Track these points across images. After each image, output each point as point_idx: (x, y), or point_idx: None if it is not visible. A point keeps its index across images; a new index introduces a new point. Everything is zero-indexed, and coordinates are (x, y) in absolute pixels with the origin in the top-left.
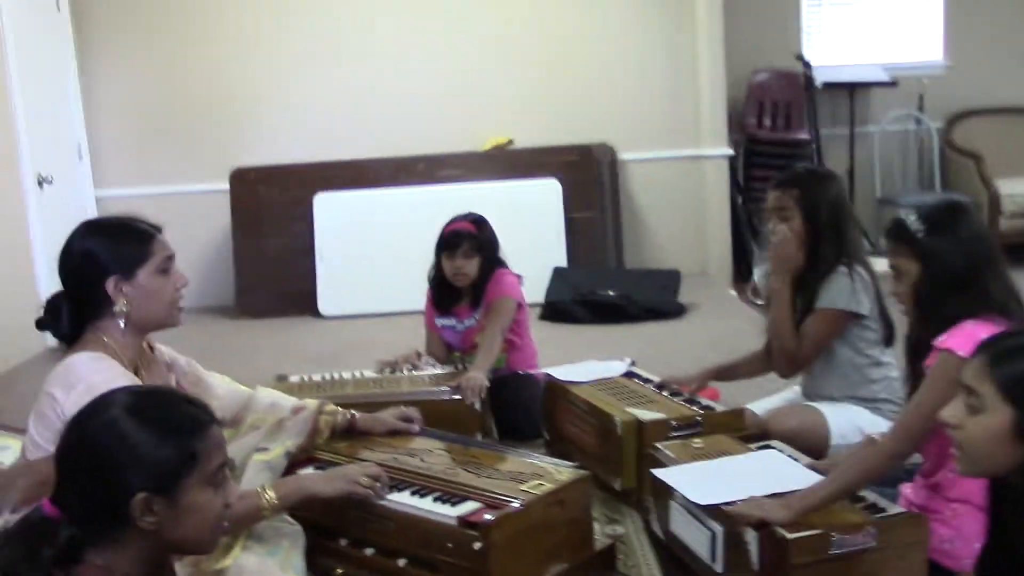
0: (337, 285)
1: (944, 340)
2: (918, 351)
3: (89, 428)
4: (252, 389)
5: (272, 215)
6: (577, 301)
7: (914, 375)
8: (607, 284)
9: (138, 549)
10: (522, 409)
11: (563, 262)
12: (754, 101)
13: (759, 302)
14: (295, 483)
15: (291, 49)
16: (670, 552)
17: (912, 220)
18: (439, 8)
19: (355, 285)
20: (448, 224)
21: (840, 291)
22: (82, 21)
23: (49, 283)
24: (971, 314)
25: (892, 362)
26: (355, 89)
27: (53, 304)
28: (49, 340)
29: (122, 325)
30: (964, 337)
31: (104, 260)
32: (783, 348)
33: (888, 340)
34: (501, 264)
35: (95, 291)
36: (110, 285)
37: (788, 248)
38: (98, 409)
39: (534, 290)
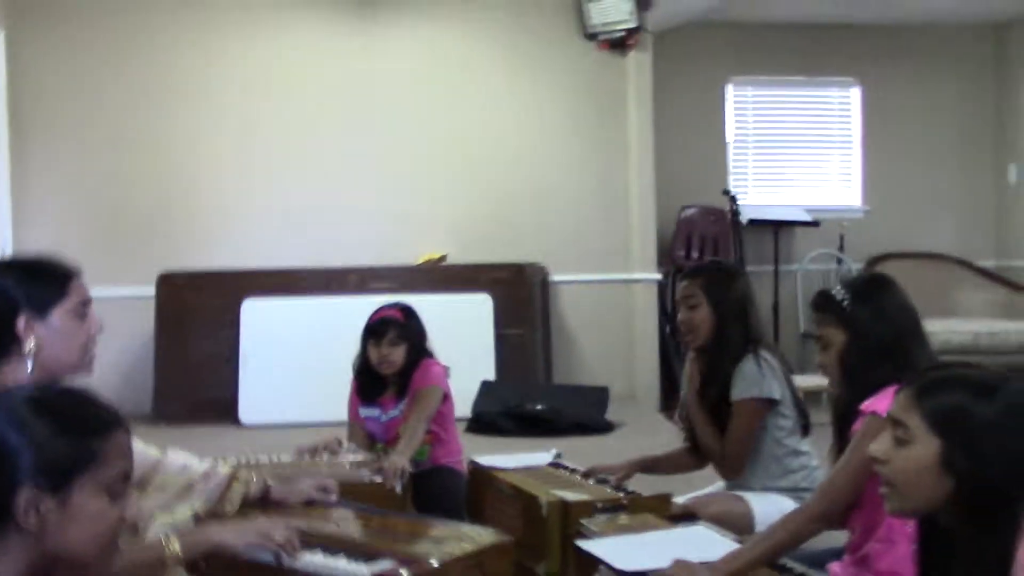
0: (260, 393)
1: (870, 404)
2: (844, 419)
3: None
4: (161, 452)
5: (198, 320)
6: (504, 414)
7: (840, 442)
8: (535, 398)
9: (19, 557)
10: (445, 502)
11: (492, 376)
12: (683, 234)
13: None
14: (201, 533)
15: (227, 157)
16: None
17: (838, 291)
18: (377, 124)
19: (279, 393)
20: (375, 312)
21: (751, 379)
22: (19, 123)
23: None
24: (897, 381)
25: (810, 452)
26: (291, 199)
27: None
28: None
29: (28, 368)
30: (890, 400)
31: (16, 297)
32: (712, 454)
33: (805, 429)
34: (428, 354)
35: (3, 329)
36: (20, 323)
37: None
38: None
39: (462, 403)
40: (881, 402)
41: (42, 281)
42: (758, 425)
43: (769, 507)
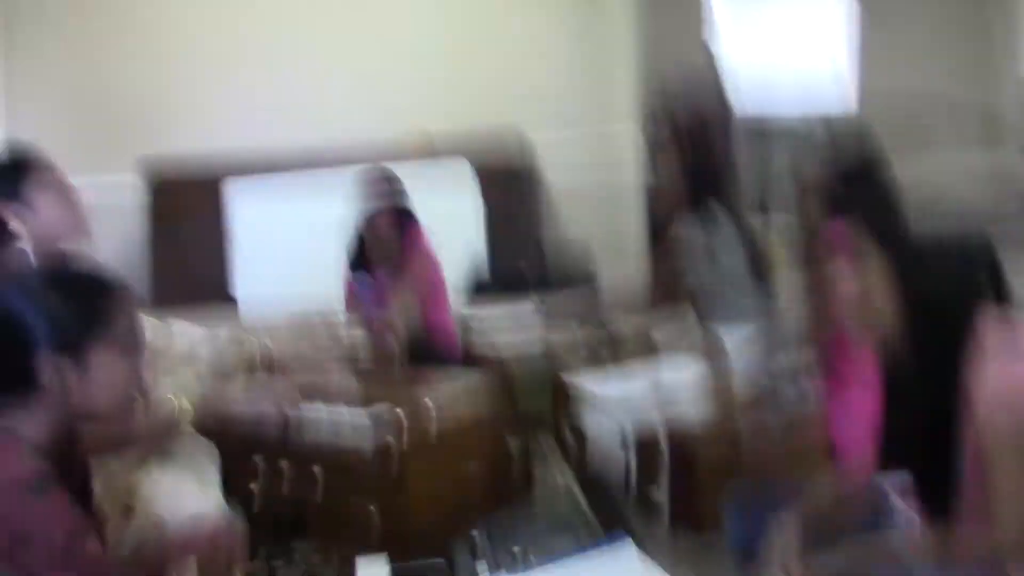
0: (252, 272)
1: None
2: (811, 248)
3: None
4: (163, 322)
5: (186, 203)
6: (493, 276)
7: (807, 268)
8: (523, 260)
9: (46, 414)
10: (439, 364)
11: (479, 243)
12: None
13: None
14: (205, 396)
15: (209, 38)
16: (583, 463)
17: (824, 172)
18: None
19: (270, 271)
20: (364, 181)
21: (694, 225)
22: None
23: None
24: None
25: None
26: (270, 76)
27: None
28: None
29: (27, 248)
30: None
31: None
32: None
33: (764, 274)
34: (416, 222)
35: None
36: (4, 210)
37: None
38: (5, 275)
39: (451, 271)
40: None
41: (11, 168)
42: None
43: (738, 334)
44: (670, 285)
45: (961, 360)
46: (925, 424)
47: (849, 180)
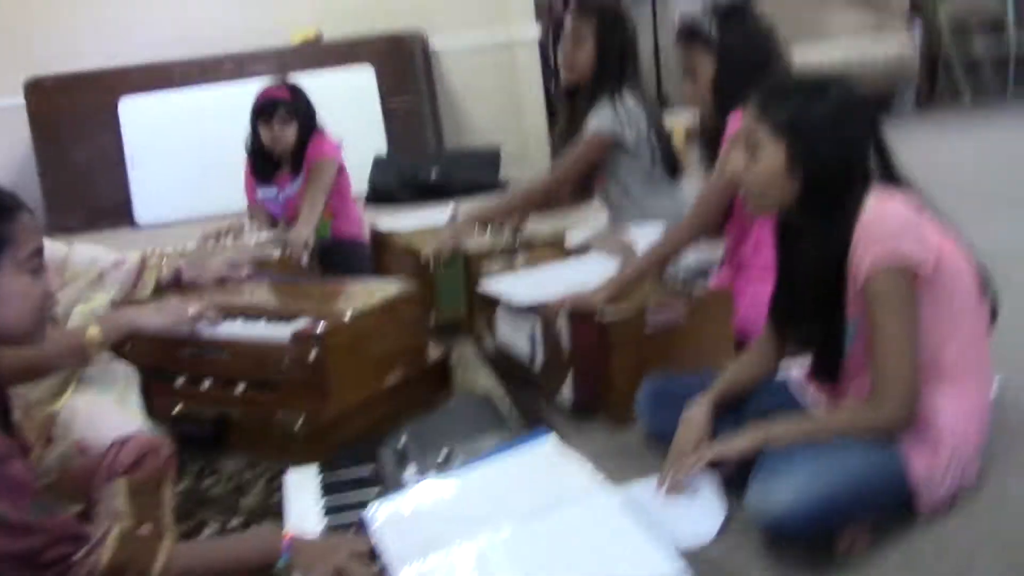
0: (152, 192)
1: (735, 122)
2: (714, 140)
3: None
4: (68, 246)
5: (76, 124)
6: (400, 184)
7: (710, 162)
8: (428, 166)
9: None
10: (352, 273)
11: (383, 150)
12: None
13: None
14: (118, 317)
15: None
16: (501, 367)
17: (704, 19)
18: None
19: (171, 190)
20: (261, 92)
21: (603, 118)
22: None
23: None
24: None
25: (684, 192)
26: None
27: None
28: None
29: None
30: None
31: None
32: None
33: (673, 171)
34: (319, 129)
35: None
36: None
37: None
38: None
39: (357, 179)
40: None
41: None
42: (594, 158)
43: (650, 232)
44: (582, 182)
45: (849, 230)
46: (815, 297)
47: (726, 20)
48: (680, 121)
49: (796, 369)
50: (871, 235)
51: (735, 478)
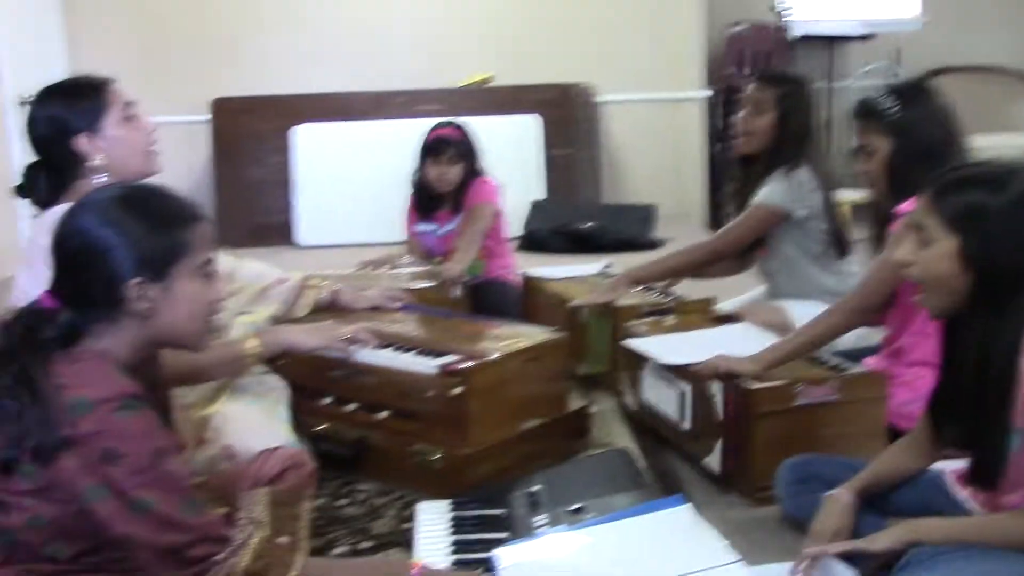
0: (316, 215)
1: (908, 205)
2: (884, 223)
3: (82, 218)
4: (237, 260)
5: (252, 145)
6: (554, 232)
7: (879, 245)
8: (584, 217)
9: (132, 336)
10: (500, 313)
11: (542, 196)
12: (733, 51)
13: None
14: (277, 334)
15: None
16: (642, 425)
17: (882, 98)
18: None
19: (334, 216)
20: (432, 130)
21: (775, 190)
22: None
23: (26, 203)
24: None
25: (850, 267)
26: (338, 21)
27: (30, 172)
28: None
29: (102, 180)
30: None
31: (67, 120)
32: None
33: (841, 251)
34: (482, 172)
35: (67, 153)
36: (82, 142)
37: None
38: (90, 201)
39: (513, 223)
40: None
41: (83, 98)
42: (760, 228)
43: (808, 312)
44: (742, 253)
45: (1021, 331)
46: (979, 397)
47: (907, 98)
48: (845, 199)
49: (952, 466)
50: None
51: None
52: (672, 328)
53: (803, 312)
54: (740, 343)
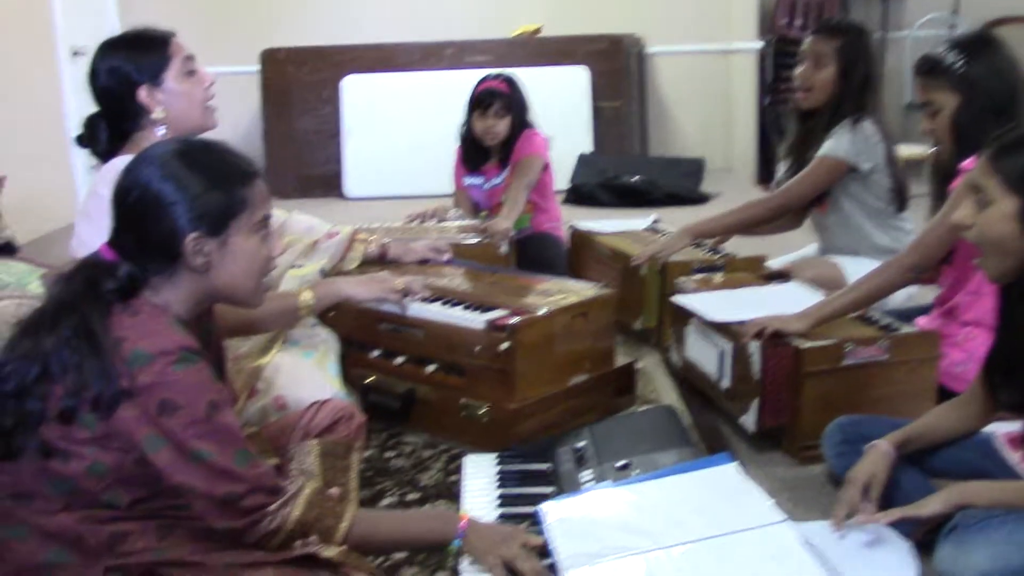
0: (364, 167)
1: (970, 162)
2: (946, 180)
3: (143, 171)
4: (287, 214)
5: (301, 96)
6: (601, 185)
7: (939, 203)
8: (632, 170)
9: (189, 290)
10: (546, 267)
11: (589, 149)
12: (785, 1)
13: None
14: (331, 285)
15: None
16: (686, 382)
17: (947, 53)
18: None
19: (381, 167)
20: (480, 83)
21: (841, 142)
22: None
23: (83, 154)
24: None
25: (907, 222)
26: None
27: (91, 123)
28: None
29: (161, 133)
30: None
31: (129, 72)
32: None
33: (902, 202)
34: (530, 125)
35: (128, 104)
36: (143, 94)
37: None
38: (151, 154)
39: (560, 176)
40: None
41: (146, 51)
42: (827, 182)
43: (861, 269)
44: (799, 208)
45: None
46: None
47: (973, 52)
48: (901, 154)
49: (1005, 428)
50: None
51: (922, 537)
52: (721, 285)
53: (856, 269)
54: (789, 301)
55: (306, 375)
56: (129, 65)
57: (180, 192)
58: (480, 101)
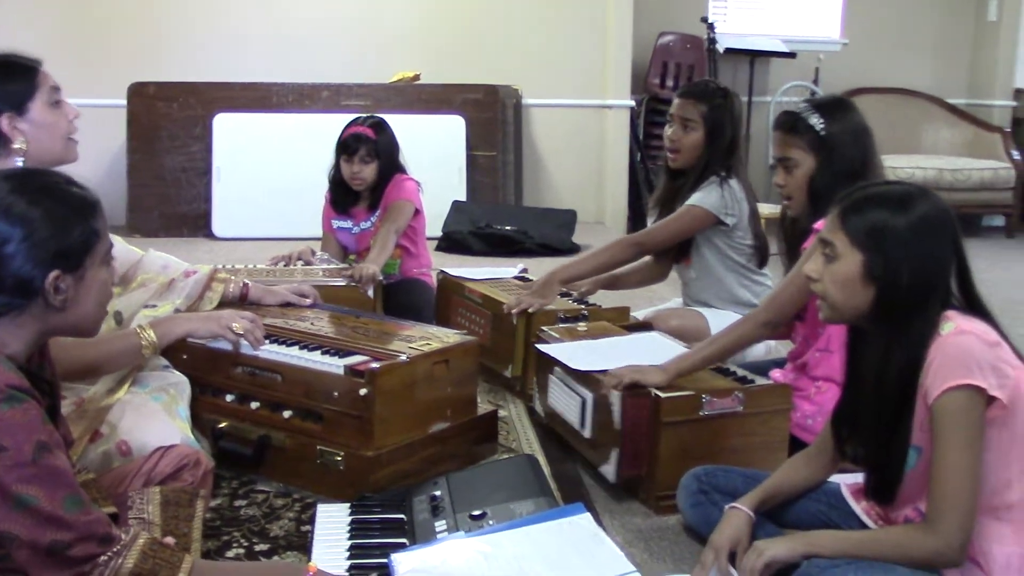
0: (233, 207)
1: (823, 222)
2: (798, 239)
3: None
4: (143, 252)
5: (170, 132)
6: (474, 233)
7: (791, 259)
8: (505, 219)
9: (33, 328)
10: (415, 310)
11: (463, 197)
12: (659, 61)
13: None
14: (170, 322)
15: None
16: (550, 430)
17: (808, 113)
18: None
19: (251, 208)
20: (348, 127)
21: (708, 195)
22: None
23: None
24: None
25: (767, 277)
26: (265, 10)
27: None
28: None
29: (20, 164)
30: None
31: None
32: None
33: (762, 261)
34: (400, 169)
35: None
36: (4, 123)
37: (682, 150)
38: None
39: (433, 223)
40: None
41: (11, 79)
42: (690, 229)
43: (723, 321)
44: (664, 256)
45: (921, 348)
46: (879, 413)
47: (831, 113)
48: (763, 212)
49: (849, 479)
50: (947, 360)
51: None
52: (585, 334)
53: (718, 320)
54: (650, 351)
55: (153, 419)
56: None
57: (30, 232)
58: (346, 146)
